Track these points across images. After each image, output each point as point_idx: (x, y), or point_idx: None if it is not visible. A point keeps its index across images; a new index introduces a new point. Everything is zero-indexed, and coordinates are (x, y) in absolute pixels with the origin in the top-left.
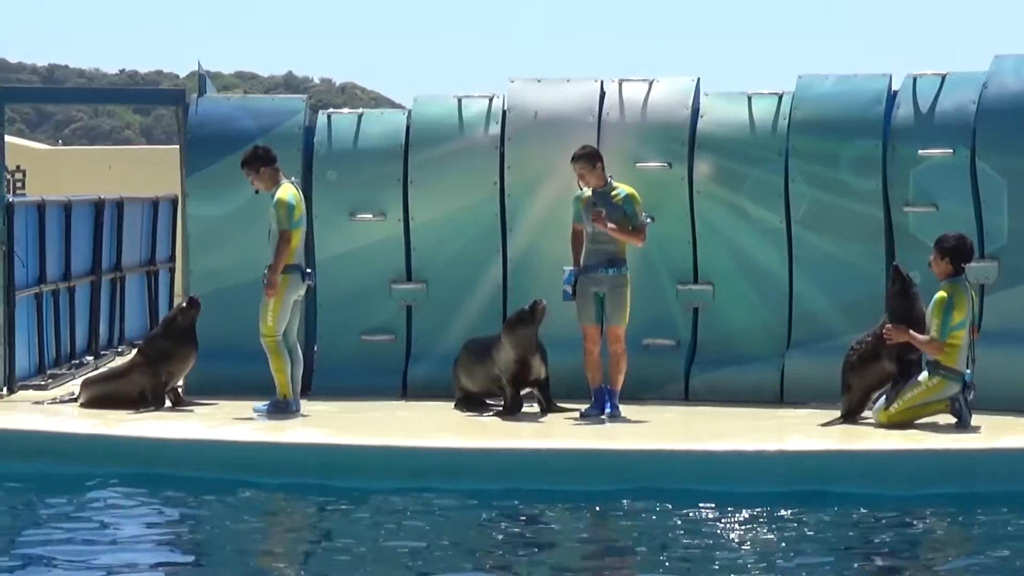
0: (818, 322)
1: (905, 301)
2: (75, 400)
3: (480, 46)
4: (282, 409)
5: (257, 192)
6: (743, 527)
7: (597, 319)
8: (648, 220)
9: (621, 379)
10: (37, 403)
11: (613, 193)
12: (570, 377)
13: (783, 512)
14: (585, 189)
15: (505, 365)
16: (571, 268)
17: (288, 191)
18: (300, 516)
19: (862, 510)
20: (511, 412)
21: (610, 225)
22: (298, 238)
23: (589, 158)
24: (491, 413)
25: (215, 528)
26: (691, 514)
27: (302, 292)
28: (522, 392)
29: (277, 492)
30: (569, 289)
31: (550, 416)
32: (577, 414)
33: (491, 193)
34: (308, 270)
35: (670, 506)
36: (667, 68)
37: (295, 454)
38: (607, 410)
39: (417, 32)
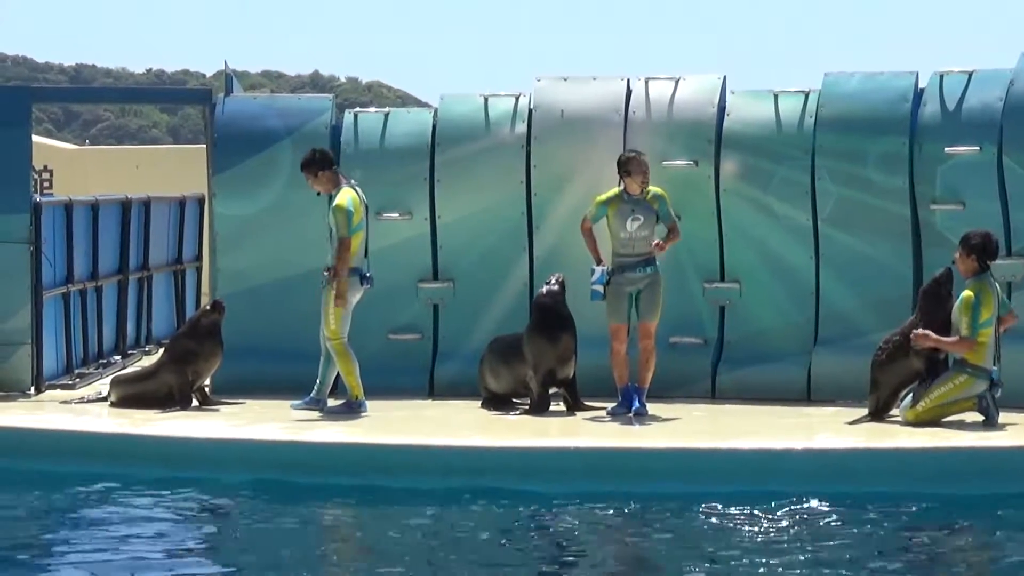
0: (845, 320)
1: (939, 301)
2: (104, 399)
3: (506, 44)
4: (354, 409)
5: (319, 194)
6: (770, 525)
7: (627, 318)
8: (677, 219)
9: (649, 376)
10: (64, 403)
11: (647, 195)
12: (596, 375)
13: (810, 510)
14: (609, 191)
15: (538, 358)
16: (601, 268)
17: (347, 196)
18: (327, 515)
19: (889, 508)
20: (539, 410)
21: (661, 243)
22: (358, 242)
23: (645, 165)
24: (518, 412)
25: (241, 527)
26: (718, 513)
27: (360, 295)
28: (550, 391)
29: (304, 491)
30: (601, 289)
31: (577, 415)
32: (603, 412)
33: (517, 192)
34: (367, 273)
35: (697, 505)
36: (693, 66)
37: (322, 453)
38: (635, 407)
39: (443, 30)
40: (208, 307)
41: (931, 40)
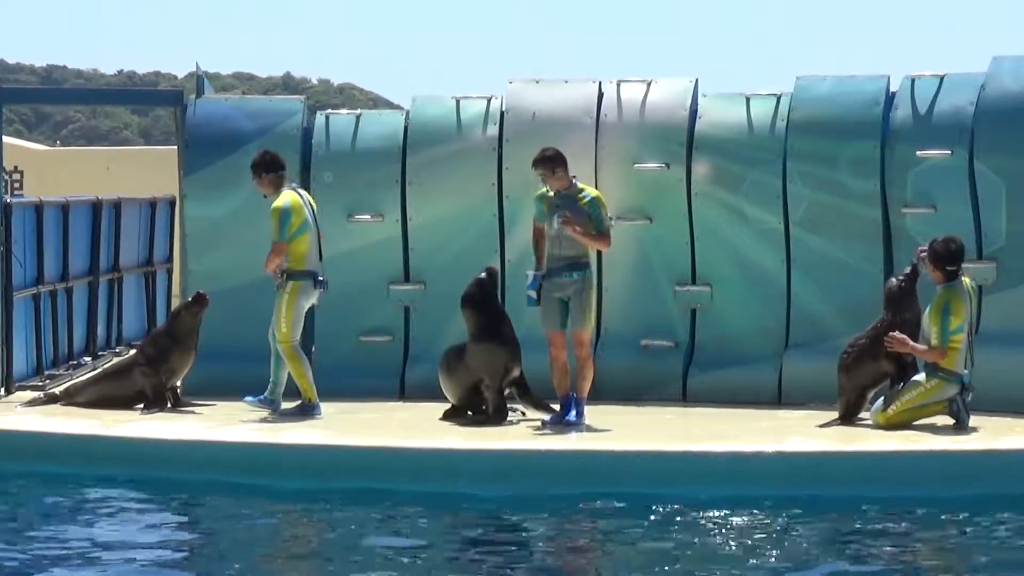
0: (816, 323)
1: (906, 299)
2: (55, 400)
3: (478, 47)
4: (307, 412)
5: (265, 197)
6: (741, 529)
7: (562, 325)
8: (611, 223)
9: (587, 385)
10: (28, 404)
11: (579, 196)
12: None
13: (781, 514)
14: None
15: (481, 359)
16: (534, 272)
17: (285, 198)
18: (298, 518)
19: (860, 512)
20: (498, 417)
21: (578, 229)
22: (306, 245)
23: (549, 162)
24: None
25: (211, 530)
26: (689, 516)
27: (315, 298)
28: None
29: (274, 493)
30: (533, 294)
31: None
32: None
33: (489, 194)
34: (321, 277)
35: (668, 507)
36: (665, 69)
37: (293, 455)
38: (571, 418)
39: (415, 33)
40: (190, 300)
41: (903, 44)
